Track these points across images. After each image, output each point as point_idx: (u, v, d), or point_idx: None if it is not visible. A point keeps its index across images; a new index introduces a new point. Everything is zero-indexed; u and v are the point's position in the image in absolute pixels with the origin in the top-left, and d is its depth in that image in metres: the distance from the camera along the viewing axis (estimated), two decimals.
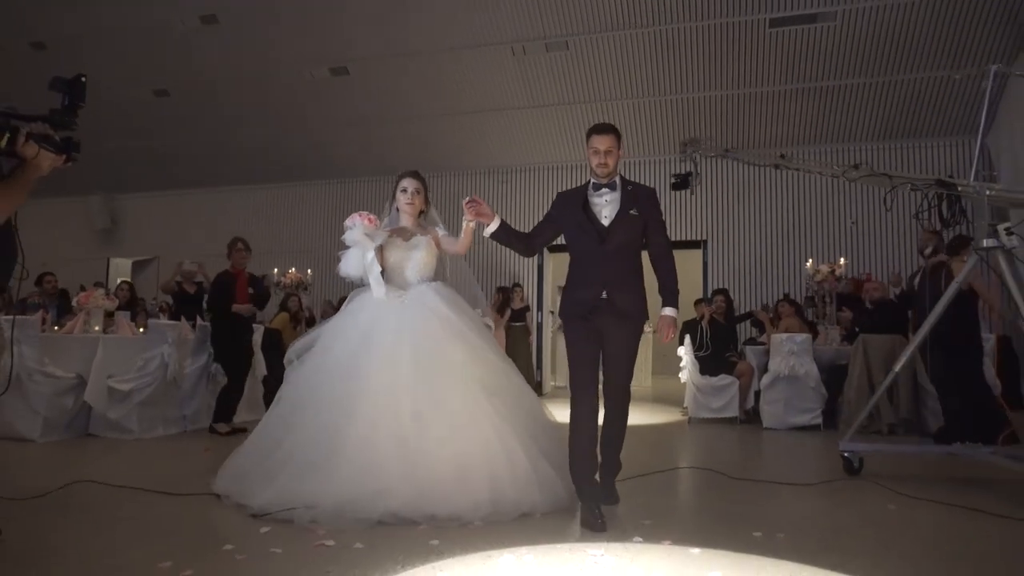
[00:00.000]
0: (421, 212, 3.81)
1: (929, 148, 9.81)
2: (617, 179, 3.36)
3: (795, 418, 6.89)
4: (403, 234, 3.70)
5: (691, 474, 4.52)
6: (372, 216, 3.60)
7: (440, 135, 10.75)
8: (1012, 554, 2.79)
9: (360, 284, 3.65)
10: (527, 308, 10.17)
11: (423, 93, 10.21)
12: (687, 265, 7.91)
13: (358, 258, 3.55)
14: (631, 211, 3.30)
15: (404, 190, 3.74)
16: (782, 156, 5.23)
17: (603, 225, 3.30)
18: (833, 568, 2.51)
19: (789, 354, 6.91)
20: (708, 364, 7.60)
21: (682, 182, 7.58)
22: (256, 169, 12.24)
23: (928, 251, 5.91)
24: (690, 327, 7.97)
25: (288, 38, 9.40)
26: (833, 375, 7.12)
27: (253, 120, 11.10)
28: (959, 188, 4.05)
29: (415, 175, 3.81)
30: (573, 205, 3.38)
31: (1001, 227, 3.79)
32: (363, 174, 11.95)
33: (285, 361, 3.64)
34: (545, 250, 11.56)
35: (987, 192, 3.89)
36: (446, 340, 3.34)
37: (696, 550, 2.68)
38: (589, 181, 3.41)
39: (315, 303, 10.24)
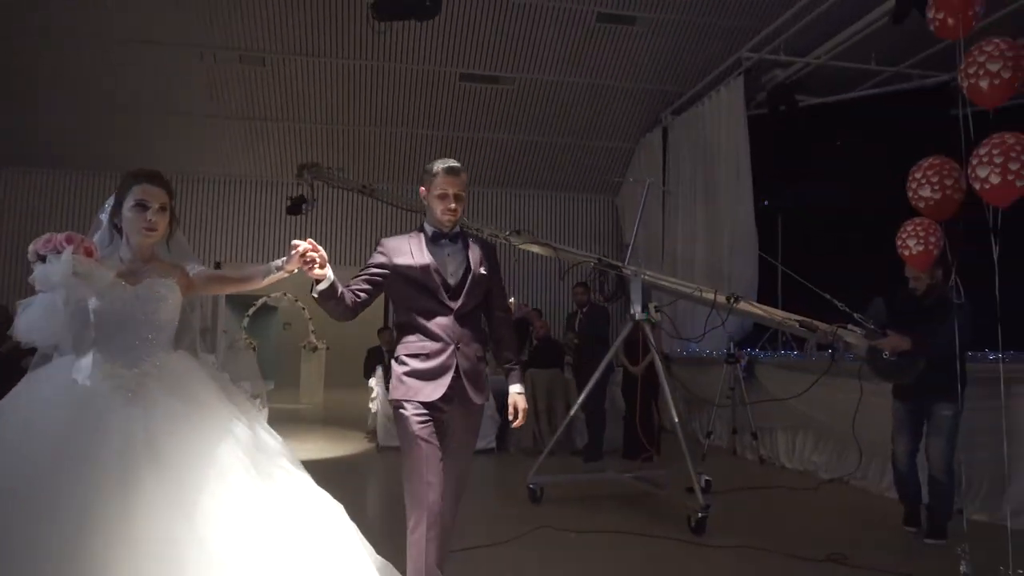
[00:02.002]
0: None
1: (578, 201, 11.71)
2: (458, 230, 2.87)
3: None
4: (130, 273, 2.28)
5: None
6: (90, 242, 2.19)
7: (92, 129, 9.43)
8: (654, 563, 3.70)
9: (52, 354, 2.24)
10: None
11: (78, 81, 8.85)
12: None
13: (56, 312, 2.13)
14: (480, 269, 2.82)
15: (142, 206, 2.25)
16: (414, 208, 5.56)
17: (450, 284, 2.77)
18: None
19: None
20: None
21: (295, 207, 7.87)
22: None
23: (584, 308, 7.30)
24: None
25: None
26: (504, 403, 8.07)
27: None
28: (621, 270, 5.07)
29: (157, 180, 2.31)
30: (412, 257, 2.75)
31: (651, 305, 4.88)
32: None
33: None
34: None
35: (643, 276, 4.96)
36: (213, 453, 2.08)
37: None
38: (421, 228, 2.85)
39: None
